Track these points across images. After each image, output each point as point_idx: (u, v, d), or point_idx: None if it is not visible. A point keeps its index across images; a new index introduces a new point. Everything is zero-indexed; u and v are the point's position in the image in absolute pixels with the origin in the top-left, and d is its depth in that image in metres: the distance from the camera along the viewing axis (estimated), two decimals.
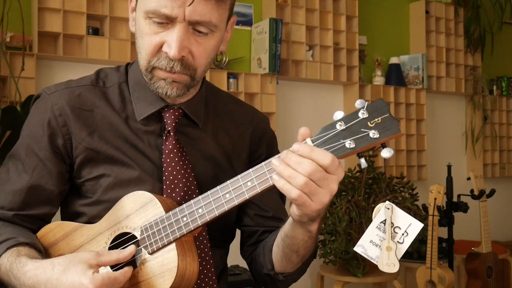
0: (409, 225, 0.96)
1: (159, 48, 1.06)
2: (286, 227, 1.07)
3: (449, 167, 2.97)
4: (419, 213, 3.06)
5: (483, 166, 4.43)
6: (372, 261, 0.96)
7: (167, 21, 1.03)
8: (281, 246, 1.11)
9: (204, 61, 1.09)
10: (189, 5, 1.00)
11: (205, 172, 1.17)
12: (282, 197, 1.28)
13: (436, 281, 2.77)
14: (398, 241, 0.95)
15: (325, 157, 0.89)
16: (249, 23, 3.40)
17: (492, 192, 3.05)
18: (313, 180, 0.89)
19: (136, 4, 1.10)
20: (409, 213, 3.07)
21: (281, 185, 0.91)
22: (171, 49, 1.03)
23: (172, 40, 1.03)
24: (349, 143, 0.90)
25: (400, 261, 0.93)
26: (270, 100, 3.29)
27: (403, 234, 0.95)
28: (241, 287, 2.68)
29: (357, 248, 0.97)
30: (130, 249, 1.01)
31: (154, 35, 1.05)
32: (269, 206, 1.24)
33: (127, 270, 0.98)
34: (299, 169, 0.88)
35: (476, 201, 3.01)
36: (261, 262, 1.19)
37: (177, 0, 1.00)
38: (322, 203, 0.92)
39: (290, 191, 0.90)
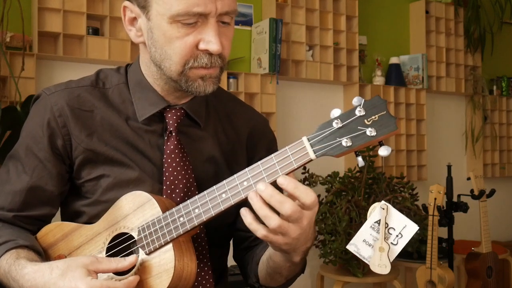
0: (404, 227, 0.94)
1: (195, 48, 1.04)
2: (271, 250, 1.07)
3: (449, 167, 2.96)
4: (419, 213, 3.06)
5: (483, 166, 4.43)
6: (364, 260, 0.95)
7: (198, 19, 1.02)
8: (265, 265, 1.12)
9: (229, 50, 1.10)
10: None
11: (206, 173, 1.17)
12: None
13: (436, 281, 2.77)
14: (392, 243, 0.94)
15: (307, 196, 0.90)
16: (249, 23, 3.40)
17: (492, 192, 3.05)
18: (290, 221, 0.91)
19: (148, 13, 1.06)
20: (409, 213, 3.07)
21: (249, 222, 0.94)
22: (213, 44, 1.02)
23: (211, 36, 1.02)
24: (345, 141, 0.89)
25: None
26: (270, 100, 3.30)
27: (397, 236, 0.94)
28: (241, 287, 2.68)
29: (350, 247, 0.97)
30: (130, 259, 1.00)
31: (186, 36, 1.03)
32: None
33: (132, 280, 0.97)
34: (281, 209, 0.89)
35: (476, 201, 3.01)
36: (248, 272, 1.22)
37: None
38: (290, 238, 0.93)
39: (256, 231, 0.93)
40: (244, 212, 0.94)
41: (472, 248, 3.09)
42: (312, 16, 3.50)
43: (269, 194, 0.90)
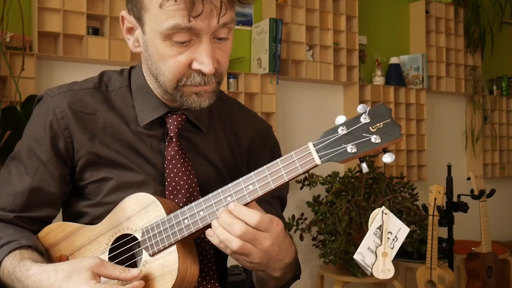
0: (399, 230, 0.96)
1: (188, 67, 1.03)
2: None
3: (449, 167, 2.97)
4: (419, 213, 3.06)
5: (483, 166, 4.43)
6: (368, 268, 0.96)
7: (191, 37, 1.00)
8: (255, 274, 1.14)
9: (227, 65, 1.09)
10: (218, 23, 0.98)
11: (208, 177, 1.17)
12: (282, 206, 1.29)
13: (436, 281, 2.77)
14: (389, 246, 0.96)
15: (251, 218, 0.93)
16: (249, 23, 3.40)
17: (492, 192, 3.05)
18: (246, 241, 0.93)
19: (143, 27, 1.05)
20: (409, 213, 3.07)
21: (217, 243, 0.96)
22: (206, 66, 1.00)
23: (204, 56, 1.00)
24: (350, 148, 0.90)
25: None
26: (270, 100, 3.29)
27: (393, 240, 0.96)
28: (241, 287, 2.68)
29: (357, 256, 0.98)
30: (134, 272, 0.99)
31: (179, 55, 1.01)
32: None
33: (137, 285, 0.97)
34: (231, 231, 0.93)
35: (476, 201, 3.01)
36: (245, 276, 1.24)
37: (204, 19, 0.97)
38: (253, 261, 0.96)
39: (225, 249, 0.96)
40: (211, 233, 0.97)
41: (472, 248, 3.09)
42: (312, 16, 3.50)
43: (221, 217, 0.94)
